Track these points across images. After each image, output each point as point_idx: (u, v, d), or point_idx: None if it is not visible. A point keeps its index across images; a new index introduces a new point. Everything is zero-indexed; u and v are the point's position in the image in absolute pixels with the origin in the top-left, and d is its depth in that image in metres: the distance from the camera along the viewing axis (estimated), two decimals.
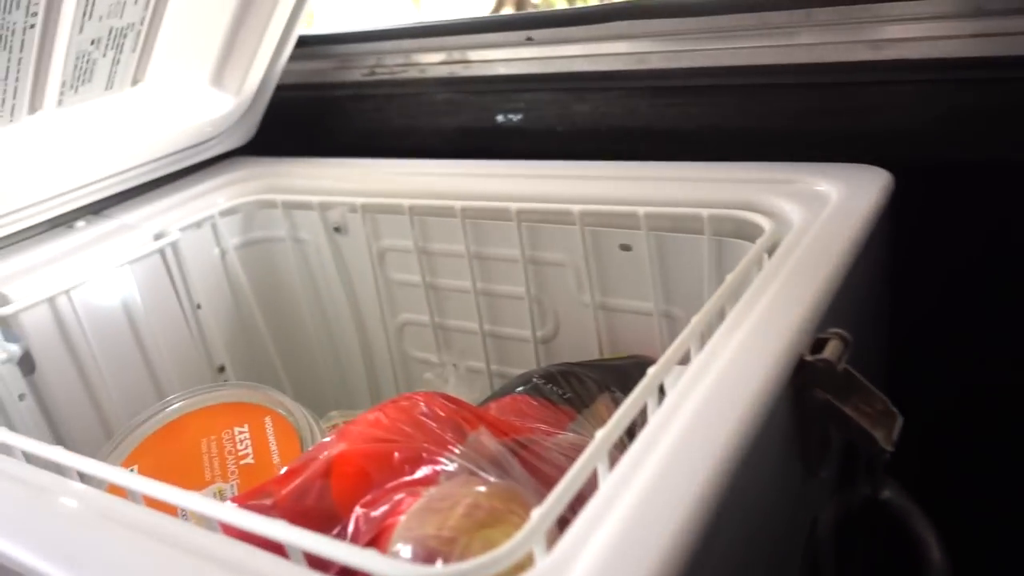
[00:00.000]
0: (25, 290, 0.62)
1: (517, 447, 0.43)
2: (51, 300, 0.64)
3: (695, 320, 0.42)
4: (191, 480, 0.52)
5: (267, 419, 0.56)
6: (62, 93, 0.66)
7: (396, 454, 0.39)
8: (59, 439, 0.67)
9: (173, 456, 0.54)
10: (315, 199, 0.74)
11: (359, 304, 0.79)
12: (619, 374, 0.56)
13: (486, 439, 0.41)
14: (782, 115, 0.60)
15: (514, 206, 0.64)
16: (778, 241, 0.51)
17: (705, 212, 0.56)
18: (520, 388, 0.52)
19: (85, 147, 0.70)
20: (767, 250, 0.49)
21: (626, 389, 0.54)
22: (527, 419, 0.48)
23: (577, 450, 0.44)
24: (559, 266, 0.65)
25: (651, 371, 0.38)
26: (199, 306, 0.76)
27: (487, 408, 0.51)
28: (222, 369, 0.78)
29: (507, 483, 0.39)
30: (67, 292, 0.64)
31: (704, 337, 0.42)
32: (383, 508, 0.38)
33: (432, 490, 0.37)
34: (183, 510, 0.41)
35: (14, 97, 0.63)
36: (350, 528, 0.39)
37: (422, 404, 0.44)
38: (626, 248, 0.61)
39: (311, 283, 0.80)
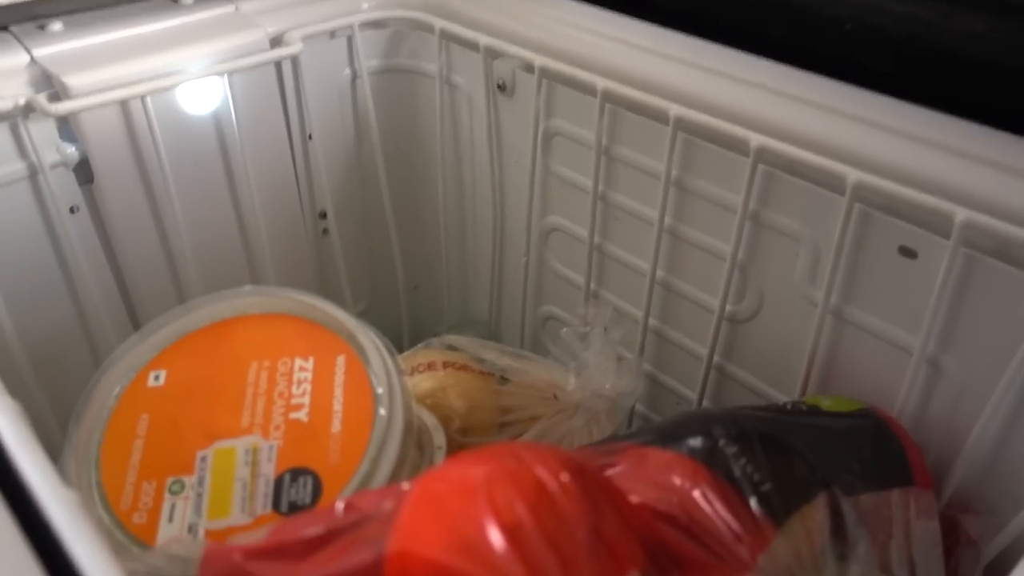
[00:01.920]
0: (93, 83, 0.47)
1: None
2: (123, 103, 0.49)
3: None
4: (224, 418, 0.39)
5: (340, 359, 0.41)
6: None
7: None
8: (115, 266, 0.54)
9: (213, 373, 0.41)
10: (483, 39, 0.54)
11: (504, 184, 0.61)
12: (844, 448, 0.38)
13: None
14: None
15: (755, 140, 0.43)
16: None
17: None
18: (697, 446, 0.34)
19: None
20: None
21: (856, 479, 0.36)
22: (696, 514, 0.31)
23: None
24: (790, 238, 0.45)
25: None
26: (310, 136, 0.60)
27: (642, 459, 0.35)
28: (323, 216, 0.64)
29: None
30: (143, 97, 0.49)
31: None
32: None
33: None
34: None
35: None
36: None
37: (541, 475, 0.27)
38: (908, 253, 0.40)
39: (453, 140, 0.63)
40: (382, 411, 0.38)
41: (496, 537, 0.25)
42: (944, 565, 0.38)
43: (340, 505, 0.29)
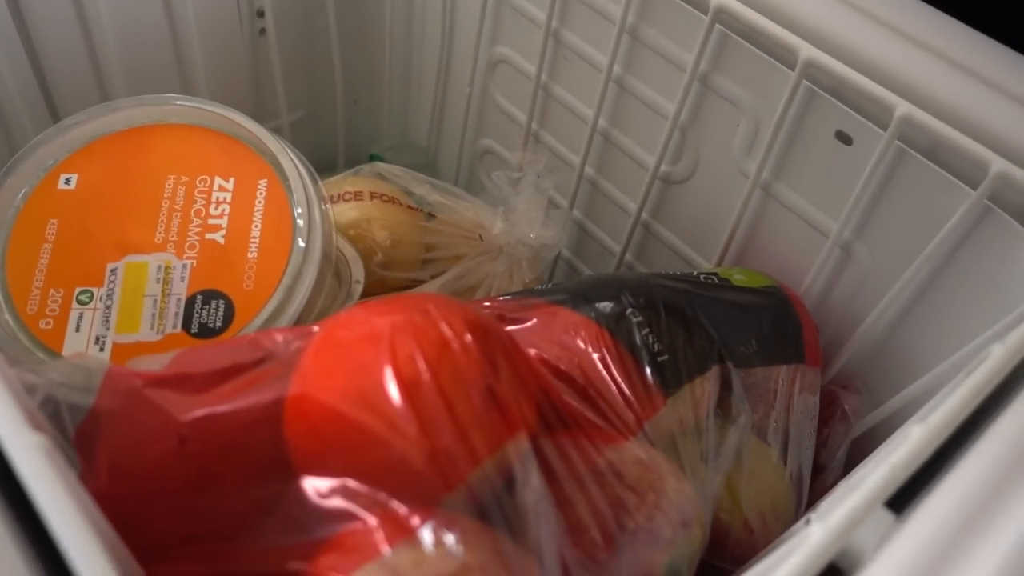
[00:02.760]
0: None
1: (561, 463, 0.29)
2: None
3: (920, 434, 0.25)
4: (137, 231, 0.38)
5: (262, 183, 0.40)
6: None
7: (379, 454, 0.25)
8: (30, 45, 0.50)
9: (127, 182, 0.39)
10: None
11: (456, 3, 0.58)
12: (745, 324, 0.39)
13: (520, 460, 0.27)
14: None
15: None
16: None
17: (996, 163, 0.35)
18: (605, 312, 0.35)
19: None
20: None
21: (752, 354, 0.38)
22: (592, 377, 0.33)
23: (633, 490, 0.30)
24: (735, 106, 0.44)
25: (818, 534, 0.22)
26: None
27: (553, 316, 0.36)
28: (260, 14, 0.60)
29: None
30: None
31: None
32: (330, 527, 0.25)
33: (403, 554, 0.24)
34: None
35: None
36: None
37: (445, 332, 0.28)
38: (844, 139, 0.40)
39: None
40: (300, 242, 0.38)
41: (393, 390, 0.26)
42: (816, 436, 0.41)
43: (246, 340, 0.29)
